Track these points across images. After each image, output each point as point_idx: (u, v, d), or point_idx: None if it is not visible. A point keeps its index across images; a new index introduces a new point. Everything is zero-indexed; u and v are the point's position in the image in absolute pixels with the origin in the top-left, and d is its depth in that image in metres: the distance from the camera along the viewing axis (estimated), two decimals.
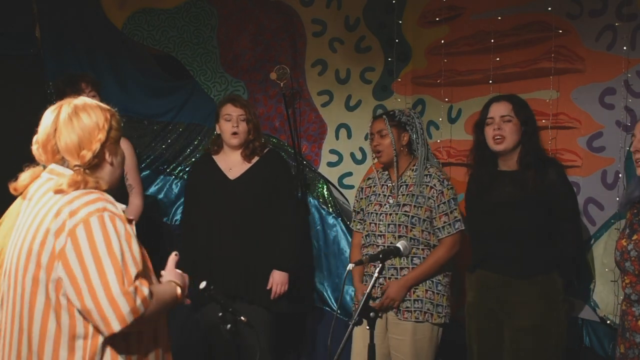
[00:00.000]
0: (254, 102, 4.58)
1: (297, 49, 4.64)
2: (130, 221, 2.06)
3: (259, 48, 4.65)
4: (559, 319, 3.26)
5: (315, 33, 4.62)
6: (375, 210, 3.63)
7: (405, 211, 3.54)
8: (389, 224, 3.55)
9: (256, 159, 3.88)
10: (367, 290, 2.66)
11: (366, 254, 3.57)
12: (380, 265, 2.76)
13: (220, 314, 2.62)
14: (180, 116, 4.63)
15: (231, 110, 3.84)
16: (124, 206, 2.09)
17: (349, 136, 4.60)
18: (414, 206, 3.53)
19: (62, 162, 2.08)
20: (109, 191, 2.11)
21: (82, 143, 2.06)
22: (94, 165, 2.08)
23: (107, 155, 2.11)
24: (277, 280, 3.80)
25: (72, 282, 1.90)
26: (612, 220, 3.45)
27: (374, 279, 2.68)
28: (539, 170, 3.26)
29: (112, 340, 1.97)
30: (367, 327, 2.63)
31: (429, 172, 3.59)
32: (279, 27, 4.64)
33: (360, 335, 3.51)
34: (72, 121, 2.07)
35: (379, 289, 3.51)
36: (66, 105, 2.11)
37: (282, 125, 4.62)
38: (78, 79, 3.77)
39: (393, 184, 3.63)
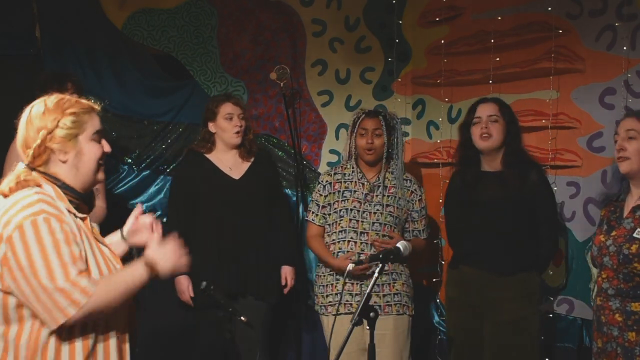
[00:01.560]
0: (253, 102, 4.58)
1: (297, 49, 4.63)
2: (83, 219, 2.14)
3: (259, 48, 4.65)
4: (537, 314, 3.40)
5: (315, 33, 4.62)
6: (354, 206, 3.66)
7: (390, 212, 3.64)
8: (373, 222, 3.63)
9: (252, 158, 3.92)
10: (368, 290, 2.66)
11: (360, 253, 3.60)
12: (380, 265, 2.76)
13: (221, 314, 2.62)
14: (180, 116, 4.63)
15: (232, 109, 3.85)
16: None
17: None
18: (397, 207, 3.67)
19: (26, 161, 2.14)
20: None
21: (27, 142, 2.12)
22: (42, 163, 2.12)
23: (57, 154, 2.11)
24: (290, 274, 3.92)
25: (18, 288, 1.99)
26: None
27: (374, 279, 2.68)
28: (521, 170, 3.37)
29: (58, 332, 2.03)
30: (367, 327, 2.63)
31: (407, 177, 3.76)
32: (279, 27, 4.64)
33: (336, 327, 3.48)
34: (25, 121, 2.14)
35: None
36: (30, 106, 2.17)
37: (282, 125, 4.62)
38: (65, 77, 3.75)
39: (371, 183, 3.69)
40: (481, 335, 3.42)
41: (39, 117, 2.12)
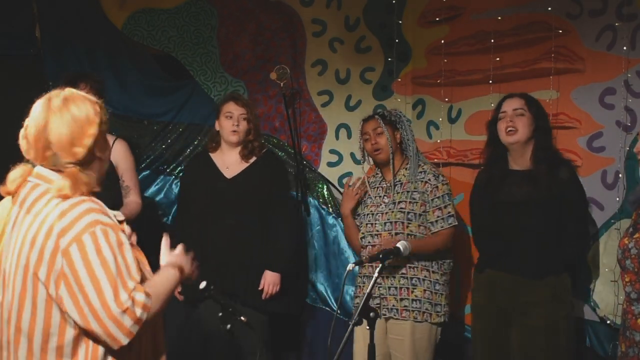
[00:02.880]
0: (253, 102, 4.58)
1: (297, 49, 4.63)
2: (121, 222, 2.06)
3: (259, 48, 4.65)
4: (568, 318, 3.28)
5: (315, 33, 4.62)
6: (371, 211, 3.67)
7: (401, 208, 3.57)
8: (385, 222, 3.58)
9: (253, 159, 3.90)
10: (367, 290, 2.66)
11: (365, 255, 3.58)
12: (380, 265, 2.76)
13: (220, 314, 2.62)
14: (180, 116, 4.63)
15: (233, 108, 3.85)
16: (117, 212, 2.07)
17: (349, 136, 4.60)
18: (409, 202, 3.57)
19: (53, 159, 2.00)
20: (103, 194, 2.08)
21: (74, 138, 1.99)
22: (86, 161, 2.02)
23: (97, 151, 2.05)
24: (269, 280, 3.81)
25: (75, 304, 1.91)
26: (612, 221, 3.45)
27: (374, 279, 2.68)
28: (551, 168, 3.26)
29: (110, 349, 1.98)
30: (367, 327, 2.63)
31: (423, 168, 3.65)
32: (279, 27, 4.64)
33: (361, 335, 3.51)
34: (63, 114, 1.99)
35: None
36: (55, 97, 2.03)
37: (282, 125, 4.62)
38: (77, 78, 3.72)
39: (387, 184, 3.67)
40: (509, 342, 3.31)
41: (80, 109, 2.01)
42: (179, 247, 2.24)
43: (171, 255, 2.21)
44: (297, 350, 4.56)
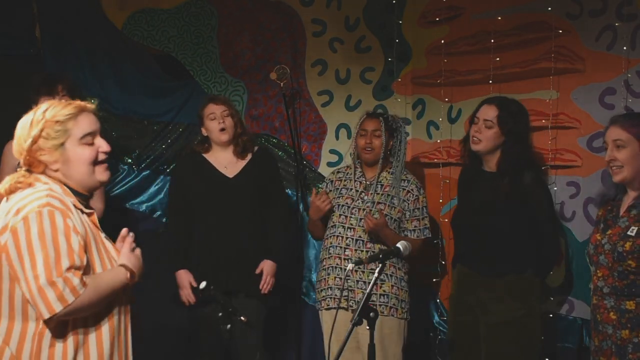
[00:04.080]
0: (253, 102, 4.58)
1: (297, 49, 4.63)
2: (90, 214, 2.23)
3: (259, 48, 4.65)
4: (533, 316, 3.38)
5: (315, 33, 4.62)
6: (346, 203, 3.72)
7: (380, 209, 3.65)
8: (360, 219, 3.65)
9: (249, 156, 3.92)
10: (367, 290, 2.66)
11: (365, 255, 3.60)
12: (380, 265, 2.76)
13: (220, 314, 2.62)
14: (180, 116, 4.63)
15: (214, 109, 3.88)
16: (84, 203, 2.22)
17: (349, 136, 4.59)
18: (388, 205, 3.68)
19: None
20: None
21: (19, 149, 2.19)
22: (40, 171, 2.18)
23: (48, 164, 2.18)
24: (268, 269, 3.85)
25: (13, 272, 2.08)
26: None
27: (374, 279, 2.68)
28: (514, 176, 3.36)
29: (51, 326, 2.11)
30: (367, 327, 2.64)
31: (407, 177, 3.76)
32: (279, 27, 4.64)
33: (329, 320, 3.54)
34: (20, 127, 2.20)
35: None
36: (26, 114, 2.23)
37: (282, 125, 4.62)
38: (56, 80, 3.75)
39: (368, 181, 3.73)
40: (478, 333, 3.44)
41: (27, 127, 2.17)
42: (138, 250, 2.31)
43: (130, 257, 2.27)
44: (296, 350, 4.56)
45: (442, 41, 4.21)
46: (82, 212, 2.19)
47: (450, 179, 4.07)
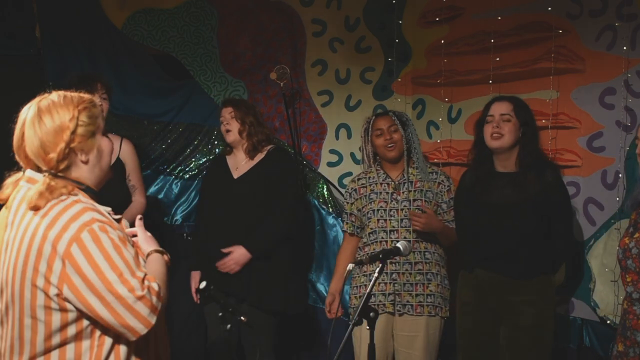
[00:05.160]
0: (253, 102, 4.58)
1: (297, 49, 4.64)
2: (119, 220, 2.06)
3: (259, 48, 4.65)
4: (552, 318, 3.34)
5: (315, 33, 4.62)
6: (381, 207, 3.64)
7: (418, 205, 3.60)
8: (402, 219, 3.59)
9: (260, 157, 3.90)
10: (367, 290, 2.65)
11: (366, 254, 3.60)
12: (380, 265, 2.75)
13: (220, 314, 2.62)
14: (180, 116, 4.64)
15: (222, 112, 3.94)
16: (109, 209, 2.06)
17: (349, 136, 4.60)
18: (425, 201, 3.62)
19: (36, 166, 2.01)
20: (110, 196, 2.08)
21: (46, 147, 1.97)
22: (65, 168, 2.00)
23: (79, 155, 2.01)
24: (235, 256, 3.73)
25: (83, 304, 1.89)
26: (612, 221, 3.45)
27: (374, 279, 2.67)
28: (537, 171, 3.29)
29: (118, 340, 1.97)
30: (367, 327, 2.63)
31: (433, 169, 3.71)
32: (279, 27, 4.64)
33: (364, 337, 3.50)
34: (34, 125, 1.99)
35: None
36: (30, 108, 2.03)
37: (282, 125, 4.62)
38: (95, 78, 3.76)
39: (395, 181, 3.66)
40: (497, 339, 3.35)
41: (53, 117, 1.98)
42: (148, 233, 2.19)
43: (150, 241, 2.15)
44: (297, 350, 4.56)
45: (442, 41, 4.21)
46: (113, 218, 2.04)
47: (460, 179, 4.06)
